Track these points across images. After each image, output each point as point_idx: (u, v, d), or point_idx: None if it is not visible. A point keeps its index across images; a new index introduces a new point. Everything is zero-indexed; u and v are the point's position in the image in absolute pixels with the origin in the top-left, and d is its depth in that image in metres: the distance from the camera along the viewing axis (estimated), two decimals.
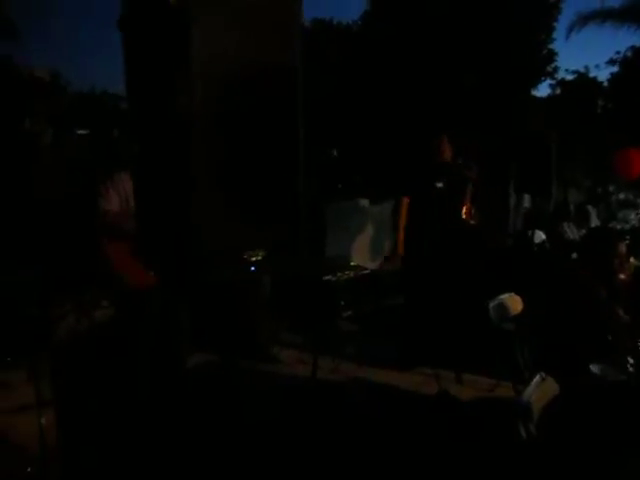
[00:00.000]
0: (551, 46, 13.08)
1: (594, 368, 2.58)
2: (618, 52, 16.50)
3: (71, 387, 3.51)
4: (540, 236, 7.79)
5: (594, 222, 9.67)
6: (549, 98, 15.55)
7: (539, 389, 2.40)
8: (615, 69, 16.58)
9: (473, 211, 5.28)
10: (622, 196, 13.74)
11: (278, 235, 2.14)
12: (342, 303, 6.07)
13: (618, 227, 8.73)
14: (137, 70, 1.87)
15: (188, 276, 2.00)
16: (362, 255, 7.65)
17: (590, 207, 10.27)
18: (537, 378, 2.48)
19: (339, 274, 6.10)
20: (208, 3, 1.66)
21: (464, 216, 5.15)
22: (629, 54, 16.39)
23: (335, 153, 9.21)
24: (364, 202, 8.15)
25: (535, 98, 13.66)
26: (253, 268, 2.02)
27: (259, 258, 2.02)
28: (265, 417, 3.88)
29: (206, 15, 1.64)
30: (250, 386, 4.36)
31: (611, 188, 13.34)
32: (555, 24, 12.76)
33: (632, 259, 5.37)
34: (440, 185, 4.86)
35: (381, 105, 9.57)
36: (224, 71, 1.70)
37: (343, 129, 9.82)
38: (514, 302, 4.32)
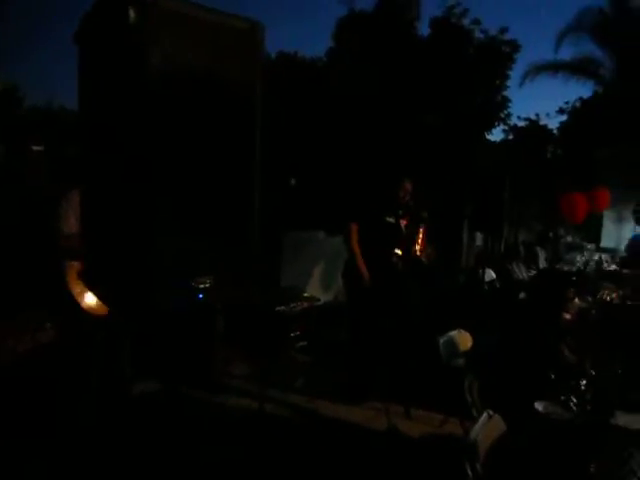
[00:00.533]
0: (505, 93, 13.63)
1: (539, 406, 2.61)
2: (567, 102, 17.41)
3: (9, 411, 3.31)
4: (490, 274, 7.97)
5: (542, 263, 9.99)
6: (502, 142, 16.15)
7: (486, 427, 2.41)
8: (564, 118, 17.46)
9: (428, 250, 5.36)
10: (569, 239, 14.27)
11: (230, 260, 2.09)
12: (295, 334, 6.01)
13: (565, 268, 9.02)
14: (90, 84, 1.83)
15: (136, 303, 1.93)
16: (316, 286, 7.62)
17: (539, 248, 10.61)
18: (484, 416, 2.49)
19: (292, 305, 6.05)
20: (168, 23, 1.64)
21: (418, 254, 5.22)
22: (577, 104, 17.31)
23: (293, 182, 9.24)
24: (320, 234, 8.16)
25: (489, 142, 14.15)
26: (200, 296, 1.97)
27: (207, 285, 1.97)
28: (209, 447, 3.76)
29: (166, 34, 1.62)
30: (195, 416, 4.23)
31: (560, 231, 13.84)
32: (509, 72, 13.34)
33: (577, 300, 5.55)
34: (391, 220, 4.95)
35: (341, 138, 9.71)
36: (181, 90, 1.68)
37: (303, 160, 9.90)
38: (463, 339, 4.38)
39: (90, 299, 3.04)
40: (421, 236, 5.20)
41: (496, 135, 17.61)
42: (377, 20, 12.06)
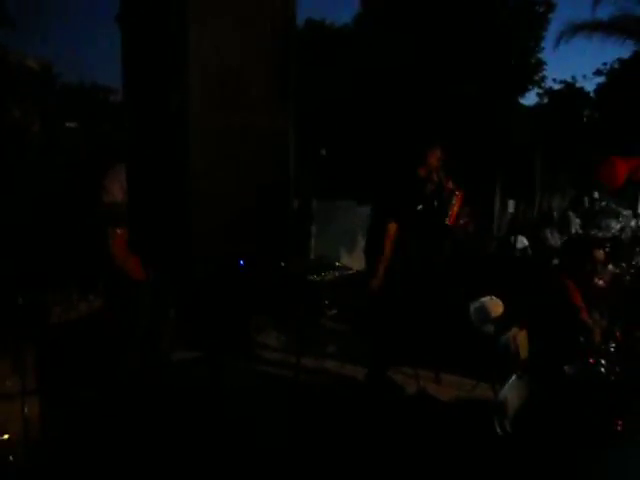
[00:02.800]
0: (540, 55, 13.25)
1: (568, 369, 2.66)
2: (605, 63, 16.78)
3: (56, 377, 3.52)
4: (523, 241, 7.92)
5: (575, 229, 9.85)
6: (537, 107, 15.75)
7: (515, 388, 2.49)
8: (602, 80, 16.86)
9: (464, 219, 5.29)
10: (605, 204, 13.95)
11: (266, 233, 2.18)
12: (326, 302, 6.13)
13: (600, 235, 8.88)
14: (134, 65, 1.91)
15: (178, 270, 2.04)
16: (348, 255, 7.71)
17: (572, 214, 10.44)
18: (513, 378, 2.57)
19: (324, 274, 6.15)
20: (207, 4, 1.71)
21: (449, 222, 5.14)
22: (616, 66, 16.68)
23: (324, 152, 9.26)
24: (351, 203, 8.20)
25: (523, 106, 13.83)
26: (241, 262, 2.07)
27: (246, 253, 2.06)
28: (249, 415, 3.92)
29: (205, 15, 1.69)
30: (234, 384, 4.39)
31: (595, 196, 13.55)
32: (544, 33, 12.94)
33: (611, 266, 5.51)
34: (420, 207, 4.69)
35: (371, 108, 9.64)
36: (221, 69, 1.75)
37: (334, 130, 9.88)
38: (495, 305, 4.43)
39: (135, 265, 3.18)
40: (455, 206, 5.07)
41: (530, 99, 17.18)
42: None
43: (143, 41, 1.82)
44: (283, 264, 4.19)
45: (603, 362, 2.66)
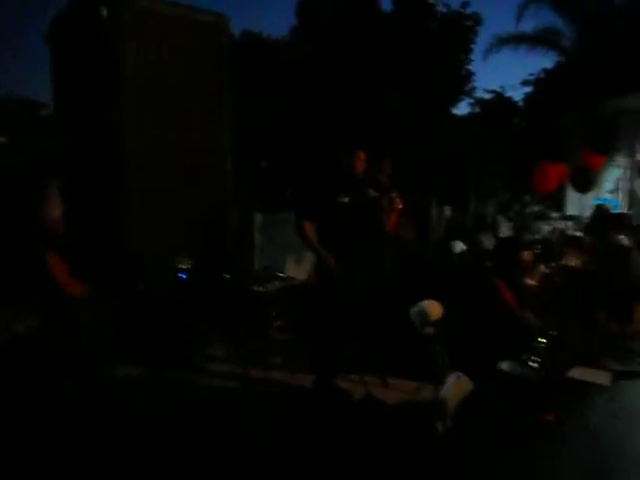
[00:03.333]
0: (469, 67, 13.83)
1: (503, 365, 2.80)
2: (531, 74, 17.68)
3: None
4: (460, 246, 8.18)
5: (505, 233, 10.26)
6: (469, 116, 16.37)
7: (454, 387, 2.59)
8: (529, 89, 17.72)
9: (404, 224, 5.41)
10: (536, 208, 14.61)
11: (208, 246, 2.20)
12: (272, 314, 6.12)
13: (530, 237, 9.29)
14: (66, 80, 1.90)
15: (119, 285, 2.03)
16: (290, 266, 7.73)
17: (502, 218, 10.88)
18: (453, 376, 2.67)
19: (268, 285, 6.15)
20: (139, 20, 1.72)
21: (389, 227, 5.25)
22: (541, 75, 17.58)
23: (263, 165, 9.30)
24: (291, 215, 8.22)
25: (455, 116, 14.35)
26: (184, 276, 2.08)
27: (188, 266, 2.06)
28: (193, 427, 3.88)
29: (138, 31, 1.70)
30: (178, 397, 4.33)
31: (526, 200, 14.16)
32: (472, 46, 13.51)
33: (542, 267, 5.79)
34: (345, 200, 4.60)
35: (307, 120, 9.75)
36: (157, 88, 1.77)
37: (274, 143, 9.92)
38: (434, 308, 4.56)
39: (74, 283, 3.12)
40: (394, 210, 5.14)
41: (463, 109, 17.86)
42: None
43: (76, 58, 1.82)
44: (227, 276, 4.19)
45: (535, 358, 2.82)
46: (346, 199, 4.61)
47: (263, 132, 9.42)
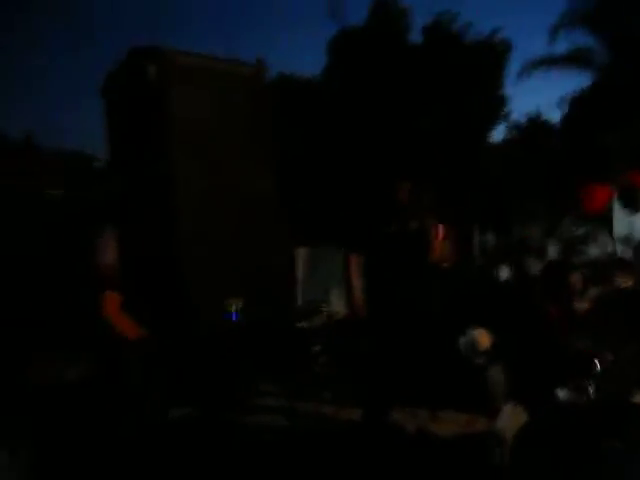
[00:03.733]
0: (502, 91, 13.83)
1: (558, 394, 2.72)
2: (566, 94, 17.49)
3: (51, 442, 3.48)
4: (506, 272, 8.05)
5: (551, 256, 10.01)
6: (506, 141, 16.27)
7: (510, 417, 2.53)
8: (564, 110, 17.53)
9: (448, 253, 5.36)
10: (582, 230, 14.23)
11: (255, 285, 2.26)
12: (317, 348, 6.12)
13: (579, 260, 9.04)
14: (119, 133, 2.02)
15: (174, 328, 2.09)
16: (334, 299, 7.73)
17: (547, 241, 10.63)
18: (508, 406, 2.62)
19: (312, 320, 6.17)
20: (184, 76, 1.83)
21: (435, 255, 5.17)
22: (578, 95, 17.38)
23: (304, 204, 9.47)
24: (332, 248, 8.27)
25: (493, 142, 14.32)
26: (234, 317, 2.13)
27: (240, 307, 2.11)
28: (248, 469, 3.88)
29: (183, 87, 1.81)
30: (231, 439, 4.35)
31: (570, 222, 13.84)
32: (505, 71, 13.54)
33: (593, 289, 5.62)
34: (392, 230, 4.59)
35: (346, 156, 9.88)
36: (203, 136, 1.86)
37: (312, 180, 10.07)
38: (483, 337, 4.49)
39: (128, 324, 3.21)
40: (438, 239, 5.10)
41: (500, 134, 17.77)
42: (370, 34, 12.31)
43: (127, 112, 1.94)
44: (273, 314, 4.24)
45: (591, 384, 2.73)
46: (393, 229, 4.58)
47: (302, 170, 9.60)
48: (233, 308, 2.13)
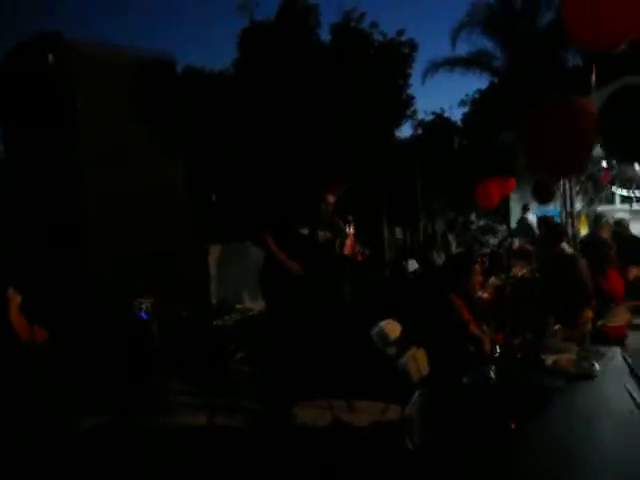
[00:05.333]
0: (409, 91, 14.32)
1: (465, 379, 2.89)
2: (467, 94, 18.55)
3: None
4: (413, 265, 8.40)
5: (454, 249, 10.57)
6: (412, 138, 16.90)
7: (420, 404, 2.65)
8: (465, 109, 18.55)
9: (359, 249, 5.55)
10: (482, 223, 15.10)
11: (167, 281, 2.21)
12: (232, 346, 6.07)
13: (481, 251, 9.59)
14: (13, 129, 1.89)
15: (79, 331, 2.00)
16: (248, 297, 7.70)
17: (450, 235, 11.20)
18: (417, 394, 2.74)
19: (226, 317, 6.11)
20: (87, 66, 1.75)
21: (346, 251, 5.37)
22: (476, 96, 18.45)
23: (214, 198, 9.31)
24: (245, 244, 8.21)
25: (400, 139, 14.80)
26: (144, 316, 2.07)
27: (149, 305, 2.05)
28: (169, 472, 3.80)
29: (87, 77, 1.73)
30: (148, 443, 4.22)
31: (472, 216, 14.62)
32: (410, 71, 14.01)
33: (493, 278, 5.99)
34: (305, 232, 4.76)
35: (255, 150, 9.83)
36: (106, 129, 1.79)
37: (220, 173, 9.91)
38: (393, 328, 4.64)
39: (30, 328, 3.01)
40: (349, 240, 5.32)
41: (406, 132, 18.44)
42: (279, 29, 12.31)
43: (24, 104, 1.82)
44: (185, 313, 4.16)
45: (494, 368, 2.92)
46: (306, 231, 4.72)
47: (212, 165, 9.44)
48: (143, 307, 2.06)
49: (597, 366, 3.13)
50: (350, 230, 5.40)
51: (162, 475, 3.71)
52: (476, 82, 23.85)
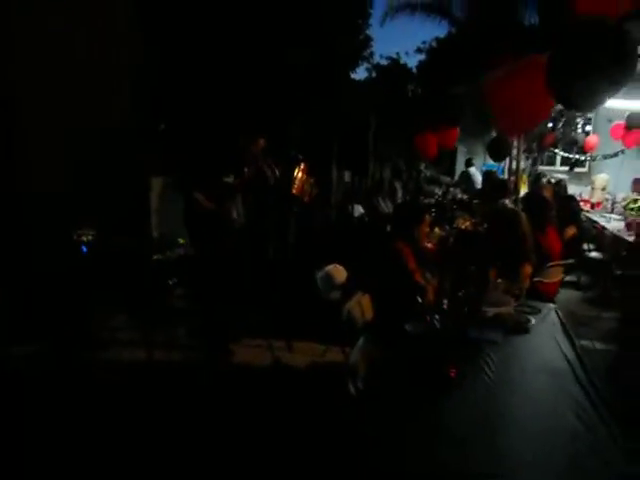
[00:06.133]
0: (368, 32, 13.92)
1: (408, 327, 2.93)
2: (424, 42, 18.21)
3: None
4: (359, 210, 8.42)
5: (400, 197, 10.68)
6: (366, 81, 16.60)
7: (363, 350, 2.68)
8: (422, 57, 18.28)
9: (307, 188, 5.48)
10: (429, 173, 15.27)
11: (107, 213, 2.07)
12: (172, 281, 5.95)
13: (425, 201, 9.72)
14: None
15: (16, 263, 1.86)
16: None
17: (397, 183, 11.27)
18: (361, 340, 2.76)
19: (168, 252, 5.96)
20: None
21: (294, 191, 5.32)
22: (434, 44, 18.15)
23: (162, 127, 8.88)
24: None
25: (354, 81, 14.47)
26: (85, 249, 1.95)
27: (90, 238, 1.92)
28: (103, 405, 3.74)
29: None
30: (85, 375, 4.14)
31: (420, 166, 14.73)
32: (371, 11, 13.58)
33: (437, 229, 6.08)
34: (229, 180, 4.78)
35: (202, 81, 9.35)
36: (48, 45, 1.60)
37: (173, 105, 9.41)
38: (338, 272, 4.67)
39: None
40: (298, 175, 5.28)
41: (361, 74, 18.08)
42: None
43: None
44: (126, 245, 4.01)
45: (437, 317, 2.97)
46: (230, 180, 4.73)
47: (161, 92, 8.93)
48: (83, 239, 1.94)
49: (533, 321, 3.27)
50: (300, 169, 5.34)
51: (90, 408, 3.66)
52: (435, 30, 23.59)
